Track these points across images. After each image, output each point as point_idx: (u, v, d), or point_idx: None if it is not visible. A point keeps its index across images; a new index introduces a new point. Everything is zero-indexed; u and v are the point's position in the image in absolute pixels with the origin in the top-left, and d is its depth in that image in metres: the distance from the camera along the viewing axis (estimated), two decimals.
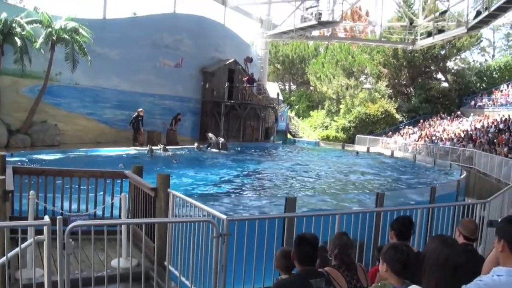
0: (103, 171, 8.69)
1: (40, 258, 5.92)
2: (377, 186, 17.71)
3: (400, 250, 3.28)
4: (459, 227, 4.71)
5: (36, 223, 5.43)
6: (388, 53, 46.14)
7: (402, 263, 3.21)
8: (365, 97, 44.63)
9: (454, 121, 38.86)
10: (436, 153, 30.30)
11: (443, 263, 2.97)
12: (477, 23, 29.11)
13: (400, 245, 3.39)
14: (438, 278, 2.96)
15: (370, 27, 47.81)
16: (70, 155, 20.18)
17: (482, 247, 7.16)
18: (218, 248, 5.02)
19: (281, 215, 7.80)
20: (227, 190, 15.00)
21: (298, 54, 54.81)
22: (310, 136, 43.00)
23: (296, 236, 4.16)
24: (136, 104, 25.39)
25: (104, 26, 25.21)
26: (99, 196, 7.97)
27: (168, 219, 6.42)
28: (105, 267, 5.56)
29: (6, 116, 20.99)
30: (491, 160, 23.79)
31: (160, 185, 6.73)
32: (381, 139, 38.58)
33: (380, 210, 7.66)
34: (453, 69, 49.48)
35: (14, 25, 20.45)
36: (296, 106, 51.42)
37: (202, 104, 32.21)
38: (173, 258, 6.00)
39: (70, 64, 21.91)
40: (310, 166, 23.25)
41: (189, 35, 30.57)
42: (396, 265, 3.22)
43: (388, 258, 3.29)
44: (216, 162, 21.84)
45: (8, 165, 7.95)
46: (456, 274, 2.95)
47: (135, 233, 6.86)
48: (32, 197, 6.23)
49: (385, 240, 6.06)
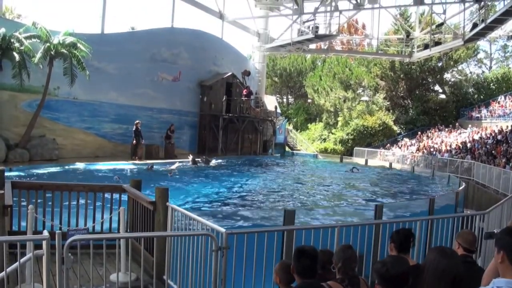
0: (102, 185, 8.69)
1: (39, 273, 5.90)
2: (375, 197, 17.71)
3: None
4: (458, 239, 4.70)
5: (35, 238, 5.43)
6: (385, 65, 46.33)
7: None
8: (363, 109, 44.70)
9: (452, 133, 38.92)
10: (435, 164, 30.32)
11: (441, 274, 2.96)
12: (474, 35, 29.27)
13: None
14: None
15: (367, 40, 48.03)
16: (68, 169, 20.18)
17: (482, 258, 7.14)
18: (217, 261, 5.01)
19: (280, 228, 7.79)
20: (224, 203, 14.99)
21: (296, 67, 54.98)
22: (308, 149, 42.99)
23: (295, 249, 4.15)
24: (134, 118, 25.37)
25: (102, 41, 25.27)
26: (98, 210, 7.95)
27: (167, 233, 6.41)
28: (104, 282, 5.55)
29: (5, 130, 20.97)
30: (490, 171, 23.80)
31: (158, 199, 6.73)
32: (379, 151, 38.61)
33: (379, 222, 7.67)
34: (450, 81, 49.68)
35: (12, 40, 20.49)
36: (294, 119, 51.47)
37: (200, 117, 32.24)
38: (172, 272, 5.98)
39: (68, 79, 21.88)
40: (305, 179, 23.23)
41: (187, 49, 30.67)
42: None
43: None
44: (209, 175, 21.89)
45: (7, 180, 7.95)
46: (455, 285, 2.94)
47: (134, 247, 6.83)
48: (31, 212, 6.21)
49: (384, 253, 6.06)
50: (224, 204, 14.85)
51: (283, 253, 6.20)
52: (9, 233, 6.87)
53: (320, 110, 49.04)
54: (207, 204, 14.74)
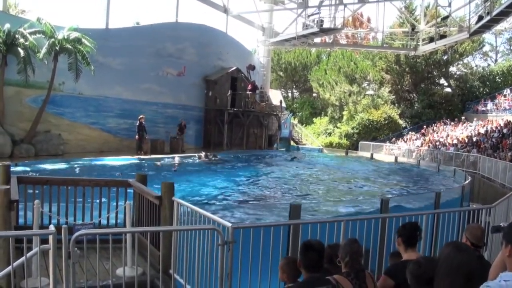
0: (108, 180, 8.70)
1: (46, 267, 5.91)
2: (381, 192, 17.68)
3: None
4: (466, 234, 4.68)
5: (41, 232, 5.45)
6: (390, 59, 46.19)
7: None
8: (368, 103, 44.60)
9: (457, 126, 38.76)
10: (440, 158, 30.23)
11: (456, 270, 2.94)
12: (479, 28, 29.09)
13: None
14: (450, 284, 2.93)
15: (372, 33, 47.89)
16: (73, 164, 20.22)
17: (488, 252, 7.12)
18: (224, 255, 5.01)
19: (286, 222, 7.77)
20: (229, 198, 14.99)
21: (301, 61, 54.87)
22: (313, 143, 42.97)
23: (302, 243, 4.14)
24: (139, 113, 25.30)
25: (107, 36, 25.29)
26: (104, 205, 7.96)
27: (173, 227, 6.40)
28: (110, 276, 5.56)
29: (10, 126, 21.02)
30: (495, 165, 23.70)
31: (164, 193, 6.73)
32: (384, 145, 38.52)
33: (385, 216, 7.65)
34: (455, 74, 49.47)
35: (17, 36, 20.50)
36: (299, 113, 51.43)
37: (205, 112, 32.25)
38: (179, 266, 5.98)
39: (73, 74, 21.96)
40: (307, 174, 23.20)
41: (192, 44, 30.65)
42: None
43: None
44: (214, 170, 21.89)
45: (13, 175, 7.96)
46: (469, 280, 2.92)
47: (140, 242, 6.84)
48: (37, 207, 6.22)
49: (390, 247, 6.05)
50: (230, 199, 14.84)
51: (289, 247, 6.20)
52: (16, 228, 6.89)
53: (325, 104, 49.00)
54: (212, 199, 14.76)
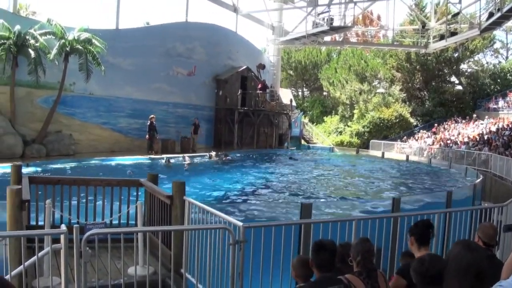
0: (119, 179, 8.71)
1: (57, 267, 5.94)
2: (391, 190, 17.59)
3: None
4: (478, 233, 4.64)
5: (53, 232, 5.46)
6: (401, 57, 45.95)
7: None
8: (379, 101, 44.39)
9: (468, 124, 38.50)
10: (451, 157, 30.04)
11: (466, 269, 2.91)
12: (490, 24, 28.90)
13: None
14: (460, 283, 2.90)
15: (382, 31, 47.70)
16: (85, 164, 20.32)
17: (500, 251, 7.05)
18: (235, 255, 5.01)
19: (297, 221, 7.76)
20: (241, 197, 14.97)
21: (311, 60, 54.77)
22: (324, 142, 42.86)
23: (314, 243, 4.13)
24: (150, 113, 25.33)
25: (117, 36, 25.38)
26: (115, 204, 7.98)
27: (184, 227, 6.41)
28: (122, 275, 5.56)
29: (21, 126, 21.14)
30: (507, 163, 23.50)
31: (175, 193, 6.73)
32: (395, 143, 38.35)
33: (397, 215, 7.61)
34: (466, 71, 49.18)
35: (27, 37, 20.61)
36: (310, 112, 51.34)
37: (216, 111, 32.26)
38: (190, 265, 5.98)
39: (84, 74, 22.05)
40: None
41: (202, 43, 30.68)
42: None
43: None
44: (225, 169, 21.91)
45: (24, 175, 8.00)
46: (479, 279, 2.89)
47: (151, 241, 6.84)
48: (49, 206, 6.24)
49: (402, 246, 6.01)
50: (241, 198, 14.82)
51: (300, 246, 6.18)
52: (27, 227, 6.92)
53: (335, 102, 48.88)
54: (224, 198, 14.75)
